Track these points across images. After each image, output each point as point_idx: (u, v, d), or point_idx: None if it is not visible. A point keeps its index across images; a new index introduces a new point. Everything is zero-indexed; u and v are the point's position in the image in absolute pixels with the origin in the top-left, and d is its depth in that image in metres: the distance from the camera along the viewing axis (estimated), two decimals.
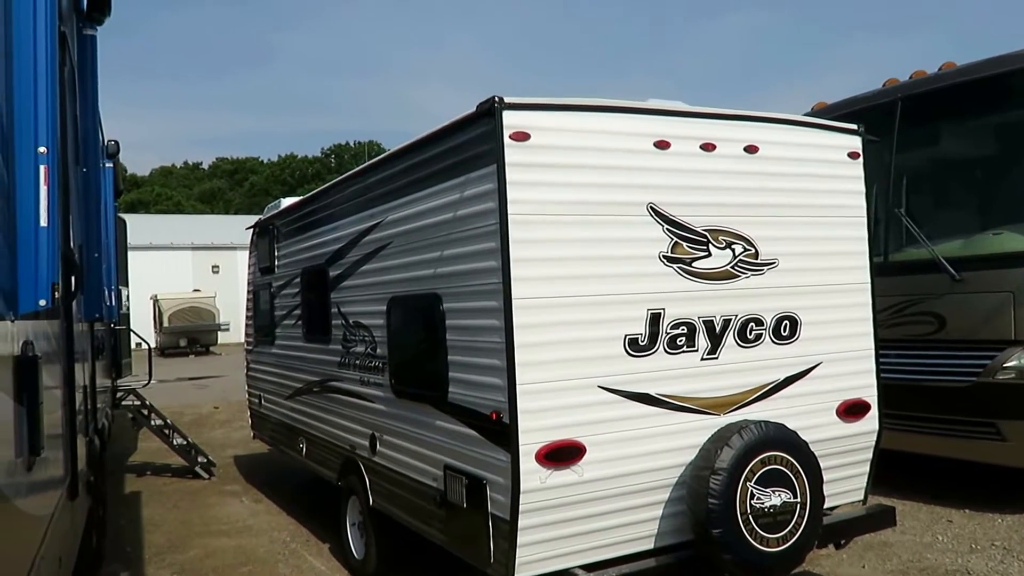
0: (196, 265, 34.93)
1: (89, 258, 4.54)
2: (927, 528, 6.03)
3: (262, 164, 68.48)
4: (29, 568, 2.10)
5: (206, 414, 14.29)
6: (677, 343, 4.04)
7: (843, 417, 4.60)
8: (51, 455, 2.82)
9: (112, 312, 8.44)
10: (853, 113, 7.43)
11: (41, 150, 1.86)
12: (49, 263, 1.89)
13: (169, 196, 59.62)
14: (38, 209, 1.85)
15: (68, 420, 3.43)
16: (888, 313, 6.82)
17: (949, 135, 6.99)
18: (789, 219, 4.43)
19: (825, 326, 4.54)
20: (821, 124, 4.68)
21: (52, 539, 2.69)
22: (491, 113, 3.63)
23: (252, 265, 8.21)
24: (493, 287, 3.69)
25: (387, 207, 4.85)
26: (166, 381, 20.88)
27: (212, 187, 64.51)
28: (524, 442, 3.61)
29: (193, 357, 29.09)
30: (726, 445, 3.88)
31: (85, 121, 4.67)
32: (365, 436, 5.26)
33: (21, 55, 1.84)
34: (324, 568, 5.72)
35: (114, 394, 9.06)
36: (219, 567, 5.84)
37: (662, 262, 4.02)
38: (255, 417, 8.47)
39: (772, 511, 3.91)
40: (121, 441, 11.49)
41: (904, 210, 6.83)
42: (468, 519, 3.95)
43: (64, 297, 3.40)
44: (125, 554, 6.26)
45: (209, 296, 30.42)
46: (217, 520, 7.18)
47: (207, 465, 9.05)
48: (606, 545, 3.90)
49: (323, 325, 5.98)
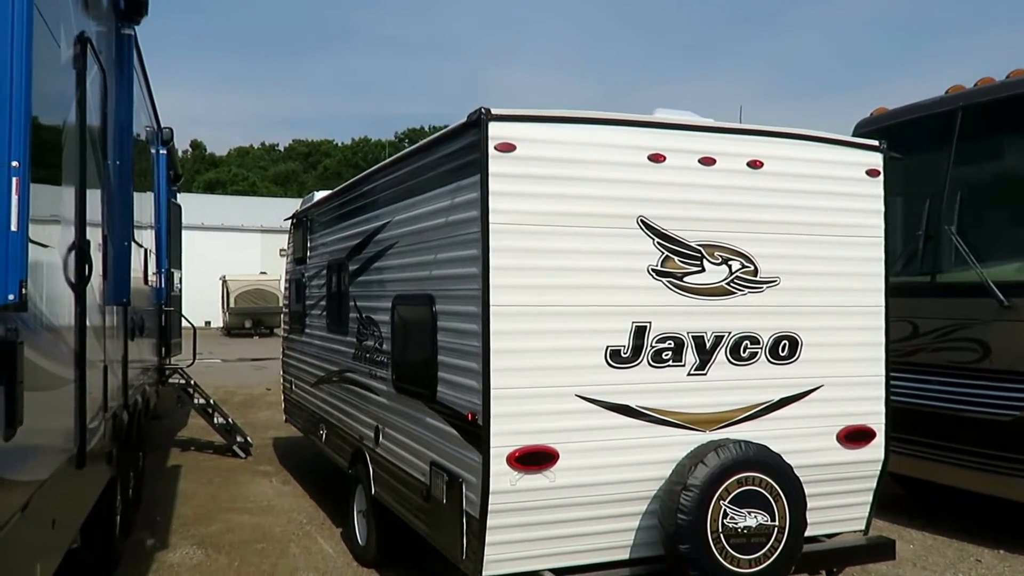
0: (264, 247, 36.50)
1: (116, 247, 5.03)
2: (951, 566, 5.93)
3: (336, 147, 70.60)
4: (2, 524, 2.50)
5: (257, 395, 15.10)
6: (663, 357, 4.19)
7: (844, 443, 4.62)
8: (47, 428, 3.25)
9: (161, 294, 9.15)
10: (910, 122, 7.30)
11: (14, 164, 2.23)
12: (18, 263, 2.26)
13: (245, 177, 62.30)
14: (8, 216, 2.22)
15: (78, 396, 3.88)
16: (931, 337, 6.71)
17: (1012, 149, 6.76)
18: (795, 237, 4.48)
19: (830, 348, 4.57)
20: (836, 140, 4.68)
21: (42, 502, 3.11)
22: (478, 124, 3.87)
23: (289, 255, 8.75)
24: (474, 293, 3.93)
25: (394, 208, 5.16)
26: (228, 360, 22.12)
27: (287, 169, 67.00)
28: (495, 444, 3.85)
29: (257, 338, 30.49)
30: (701, 462, 4.01)
31: (119, 117, 5.16)
32: (371, 428, 5.62)
33: None
34: (331, 551, 6.12)
35: (161, 373, 9.79)
36: (236, 542, 6.33)
37: (651, 275, 4.17)
38: (287, 402, 9.03)
39: (746, 532, 4.02)
40: (173, 417, 12.35)
41: (956, 228, 6.68)
42: (447, 514, 4.23)
43: (78, 284, 3.86)
44: (155, 523, 6.85)
45: (274, 279, 31.79)
46: (244, 498, 7.73)
47: (244, 445, 9.68)
48: (578, 551, 4.10)
49: (342, 317, 6.38)
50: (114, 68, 5.11)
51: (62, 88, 3.54)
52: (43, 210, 3.09)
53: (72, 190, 3.72)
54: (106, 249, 4.74)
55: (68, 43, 3.60)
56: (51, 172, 3.30)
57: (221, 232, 36.63)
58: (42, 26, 2.98)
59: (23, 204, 2.28)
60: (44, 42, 3.05)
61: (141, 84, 6.83)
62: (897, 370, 5.33)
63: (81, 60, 3.75)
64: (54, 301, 3.39)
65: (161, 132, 8.86)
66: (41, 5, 2.86)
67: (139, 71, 6.51)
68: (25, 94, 2.29)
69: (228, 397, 14.04)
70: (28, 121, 2.34)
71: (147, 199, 7.75)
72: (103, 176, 4.62)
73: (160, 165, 8.71)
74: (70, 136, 3.65)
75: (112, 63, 5.06)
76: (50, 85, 3.26)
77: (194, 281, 21.37)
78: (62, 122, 3.48)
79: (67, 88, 3.63)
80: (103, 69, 4.53)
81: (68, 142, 3.60)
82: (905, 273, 6.81)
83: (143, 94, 7.15)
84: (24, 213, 2.29)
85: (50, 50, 3.25)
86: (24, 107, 2.28)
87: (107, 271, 4.80)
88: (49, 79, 3.24)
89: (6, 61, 2.25)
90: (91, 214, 4.04)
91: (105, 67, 4.63)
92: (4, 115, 2.22)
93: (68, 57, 3.60)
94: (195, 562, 5.89)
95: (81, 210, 3.80)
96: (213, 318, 32.10)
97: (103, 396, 4.70)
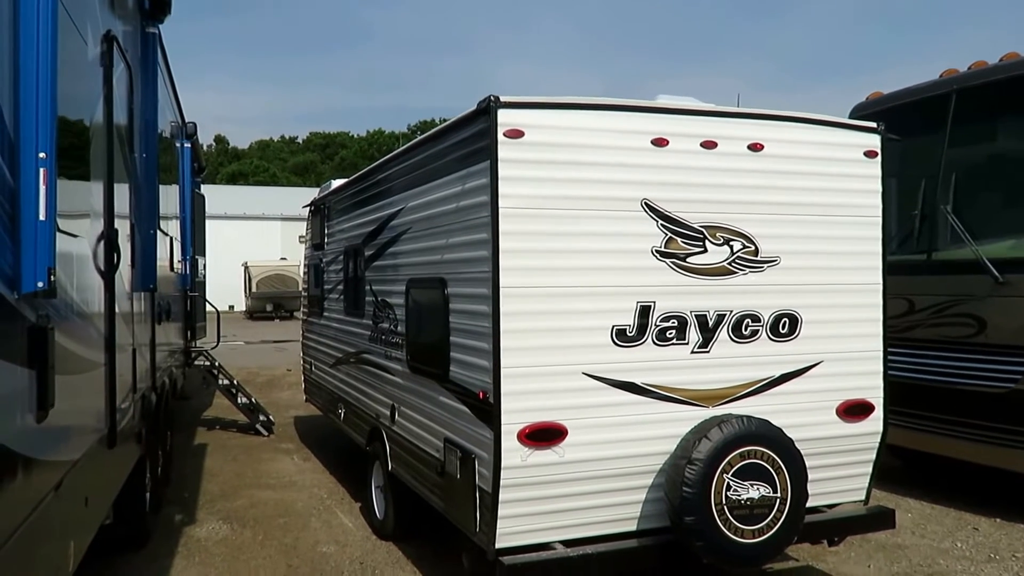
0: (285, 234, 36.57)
1: (143, 236, 5.05)
2: (949, 534, 5.93)
3: (352, 139, 70.63)
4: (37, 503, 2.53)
5: (279, 376, 15.20)
6: (667, 335, 4.18)
7: (843, 417, 4.61)
8: (79, 409, 3.28)
9: (186, 280, 9.20)
10: (906, 105, 7.21)
11: (41, 155, 2.23)
12: (47, 251, 2.27)
13: (266, 168, 62.42)
14: (37, 206, 2.23)
15: (108, 379, 3.91)
16: (928, 313, 6.66)
17: (1005, 131, 6.67)
18: (795, 217, 4.45)
19: (829, 325, 4.55)
20: (835, 122, 4.63)
21: (75, 480, 3.15)
22: (487, 111, 3.84)
23: (307, 241, 8.76)
24: (484, 275, 3.93)
25: (408, 194, 5.15)
26: (251, 343, 22.26)
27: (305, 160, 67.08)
28: (506, 422, 3.86)
29: (278, 321, 30.66)
30: (705, 437, 4.01)
31: (145, 112, 5.16)
32: (387, 406, 5.65)
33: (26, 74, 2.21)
34: (351, 525, 6.18)
35: (187, 355, 9.86)
36: (259, 516, 6.40)
37: (655, 256, 4.15)
38: (307, 382, 9.08)
39: (749, 504, 4.02)
40: (199, 397, 12.46)
41: (952, 207, 6.61)
42: (460, 489, 4.25)
43: (107, 271, 3.88)
44: (183, 499, 6.93)
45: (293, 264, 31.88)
46: (267, 474, 7.80)
47: (267, 424, 9.75)
48: (587, 523, 4.12)
49: (359, 301, 6.39)
50: (139, 65, 5.10)
51: (90, 84, 3.54)
52: (73, 202, 3.10)
53: (100, 183, 3.74)
54: (134, 238, 4.76)
55: (95, 41, 3.60)
56: (80, 165, 3.31)
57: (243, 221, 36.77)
58: (69, 24, 2.98)
59: (51, 194, 2.28)
60: (71, 40, 3.05)
61: (166, 81, 6.84)
62: (895, 345, 5.31)
63: (108, 57, 3.76)
64: (84, 288, 3.41)
65: (185, 127, 8.87)
66: (68, 4, 2.85)
67: (163, 68, 6.51)
68: (51, 88, 2.29)
69: (251, 378, 14.14)
70: (55, 114, 2.34)
71: (172, 190, 7.77)
72: (130, 169, 4.63)
73: (184, 158, 8.73)
74: (98, 130, 3.66)
75: (138, 60, 5.05)
76: (79, 81, 3.27)
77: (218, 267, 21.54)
78: (90, 117, 3.49)
79: (95, 84, 3.64)
80: (129, 66, 4.53)
81: (96, 136, 3.60)
82: (902, 251, 6.75)
83: (168, 90, 7.15)
84: (52, 203, 2.30)
85: (78, 48, 3.25)
86: (50, 101, 2.29)
87: (135, 259, 4.83)
88: (77, 76, 3.24)
89: (32, 57, 2.25)
90: (119, 205, 4.06)
91: (131, 64, 4.63)
92: (31, 109, 2.23)
93: (95, 55, 3.61)
94: (221, 536, 5.96)
95: (109, 201, 3.82)
96: (236, 302, 32.31)
97: (132, 378, 4.75)
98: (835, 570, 5.24)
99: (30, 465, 2.45)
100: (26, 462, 2.40)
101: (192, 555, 5.55)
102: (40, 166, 2.23)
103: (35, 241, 2.24)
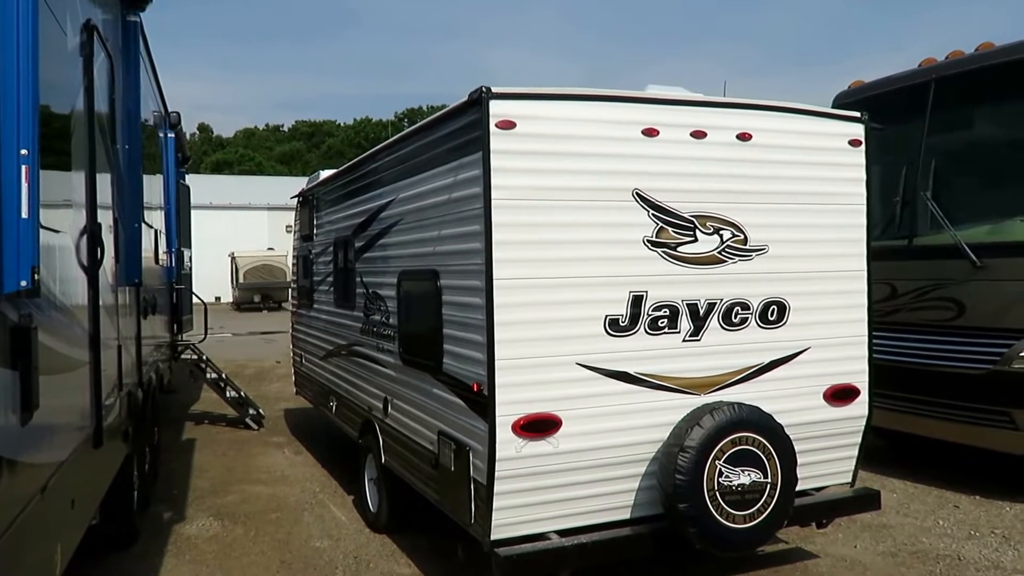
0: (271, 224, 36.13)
1: (127, 229, 4.89)
2: (931, 512, 5.95)
3: (339, 127, 69.79)
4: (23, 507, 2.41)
5: (268, 368, 14.99)
6: (659, 324, 4.12)
7: (830, 401, 4.59)
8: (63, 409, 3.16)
9: (172, 273, 9.00)
10: (886, 94, 7.19)
11: (23, 152, 2.11)
12: (30, 250, 2.15)
13: (251, 157, 61.45)
14: (19, 203, 2.11)
15: (93, 377, 3.78)
16: (909, 297, 6.67)
17: (982, 118, 6.68)
18: (782, 206, 4.41)
19: (816, 312, 4.52)
20: (820, 112, 4.59)
21: (62, 481, 3.03)
22: (479, 102, 3.74)
23: (296, 232, 8.60)
24: (477, 267, 3.84)
25: (399, 185, 5.04)
26: (239, 335, 21.96)
27: (291, 149, 66.17)
28: (500, 413, 3.79)
29: (266, 312, 30.30)
30: (697, 424, 3.96)
31: (127, 102, 4.99)
32: (380, 399, 5.55)
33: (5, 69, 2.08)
34: (344, 519, 6.08)
35: (174, 349, 9.66)
36: (251, 512, 6.28)
37: (646, 246, 4.08)
38: (298, 375, 8.94)
39: (740, 489, 3.99)
40: (186, 391, 12.24)
41: (931, 194, 6.61)
42: (455, 481, 4.18)
43: (91, 266, 3.74)
44: (172, 496, 6.78)
45: (281, 255, 31.50)
46: (258, 469, 7.67)
47: (257, 417, 9.59)
48: (581, 513, 4.07)
49: (349, 293, 6.27)
50: (121, 54, 4.92)
51: (70, 75, 3.39)
52: (54, 196, 2.97)
53: (82, 175, 3.59)
54: (117, 232, 4.60)
55: (75, 31, 3.44)
56: (61, 158, 3.17)
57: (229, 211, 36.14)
58: (48, 15, 2.83)
59: (33, 191, 2.16)
60: (50, 31, 2.91)
61: (148, 70, 6.62)
62: (879, 330, 5.30)
63: (88, 47, 3.60)
64: (67, 284, 3.28)
65: (168, 116, 8.64)
66: None
67: (145, 57, 6.30)
68: (32, 84, 2.17)
69: (239, 370, 13.92)
70: (36, 110, 2.22)
71: (156, 181, 7.57)
72: (112, 160, 4.47)
73: (168, 148, 8.51)
74: (79, 122, 3.51)
75: (119, 50, 4.88)
76: (58, 73, 3.12)
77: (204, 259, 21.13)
78: (70, 109, 3.34)
79: (74, 75, 3.48)
80: (110, 56, 4.37)
81: (77, 128, 3.46)
82: (884, 237, 6.74)
83: (150, 79, 6.94)
84: (34, 200, 2.18)
85: (57, 38, 3.11)
86: (32, 96, 2.16)
87: (119, 253, 4.67)
88: (56, 67, 3.09)
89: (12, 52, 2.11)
90: (101, 198, 3.92)
91: (112, 54, 4.46)
92: (12, 104, 2.10)
93: (75, 45, 3.45)
94: (212, 533, 5.83)
95: (91, 194, 3.67)
96: (223, 294, 31.85)
97: (118, 375, 4.61)
98: (823, 551, 5.24)
99: (15, 468, 2.34)
100: (10, 465, 2.29)
101: (183, 553, 5.42)
102: (22, 163, 2.11)
103: (18, 240, 2.12)
